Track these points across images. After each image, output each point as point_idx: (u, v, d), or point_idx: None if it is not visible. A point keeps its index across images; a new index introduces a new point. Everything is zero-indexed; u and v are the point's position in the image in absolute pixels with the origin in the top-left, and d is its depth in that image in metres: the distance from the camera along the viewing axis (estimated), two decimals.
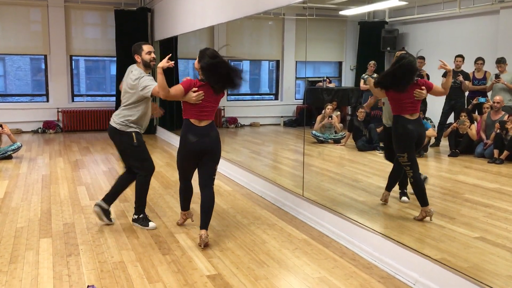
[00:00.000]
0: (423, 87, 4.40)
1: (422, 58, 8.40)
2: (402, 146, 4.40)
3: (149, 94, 4.21)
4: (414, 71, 4.33)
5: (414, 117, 4.43)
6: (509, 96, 7.22)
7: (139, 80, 4.22)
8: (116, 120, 4.38)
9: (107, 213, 4.56)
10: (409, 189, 4.67)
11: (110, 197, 4.57)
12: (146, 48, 4.36)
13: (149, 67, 4.38)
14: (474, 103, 7.71)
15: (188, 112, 4.06)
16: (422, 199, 4.34)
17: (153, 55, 4.38)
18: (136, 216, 4.56)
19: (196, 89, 3.99)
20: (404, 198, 4.99)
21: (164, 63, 4.03)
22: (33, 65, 13.55)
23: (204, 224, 4.02)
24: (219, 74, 3.99)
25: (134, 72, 4.32)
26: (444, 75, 8.26)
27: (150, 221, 4.55)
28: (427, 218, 4.32)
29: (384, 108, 5.10)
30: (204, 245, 3.98)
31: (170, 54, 4.24)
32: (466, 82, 7.80)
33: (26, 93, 12.63)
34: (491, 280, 3.15)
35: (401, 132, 4.40)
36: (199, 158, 4.10)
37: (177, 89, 3.94)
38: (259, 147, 9.42)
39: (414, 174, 4.35)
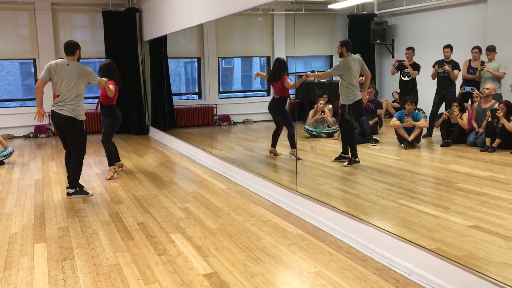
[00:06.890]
0: None
1: (411, 49, 8.43)
2: None
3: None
4: None
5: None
6: (497, 84, 7.26)
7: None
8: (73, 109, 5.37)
9: (81, 191, 5.63)
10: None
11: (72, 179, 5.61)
12: None
13: None
14: (461, 92, 7.76)
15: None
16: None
17: None
18: (73, 190, 5.57)
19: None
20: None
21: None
22: (22, 69, 13.43)
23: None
24: None
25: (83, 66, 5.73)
26: (434, 66, 8.30)
27: (86, 190, 5.70)
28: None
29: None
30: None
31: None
32: (455, 71, 7.83)
33: (17, 98, 12.50)
34: (486, 268, 3.17)
35: None
36: None
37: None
38: (252, 144, 9.42)
39: None
